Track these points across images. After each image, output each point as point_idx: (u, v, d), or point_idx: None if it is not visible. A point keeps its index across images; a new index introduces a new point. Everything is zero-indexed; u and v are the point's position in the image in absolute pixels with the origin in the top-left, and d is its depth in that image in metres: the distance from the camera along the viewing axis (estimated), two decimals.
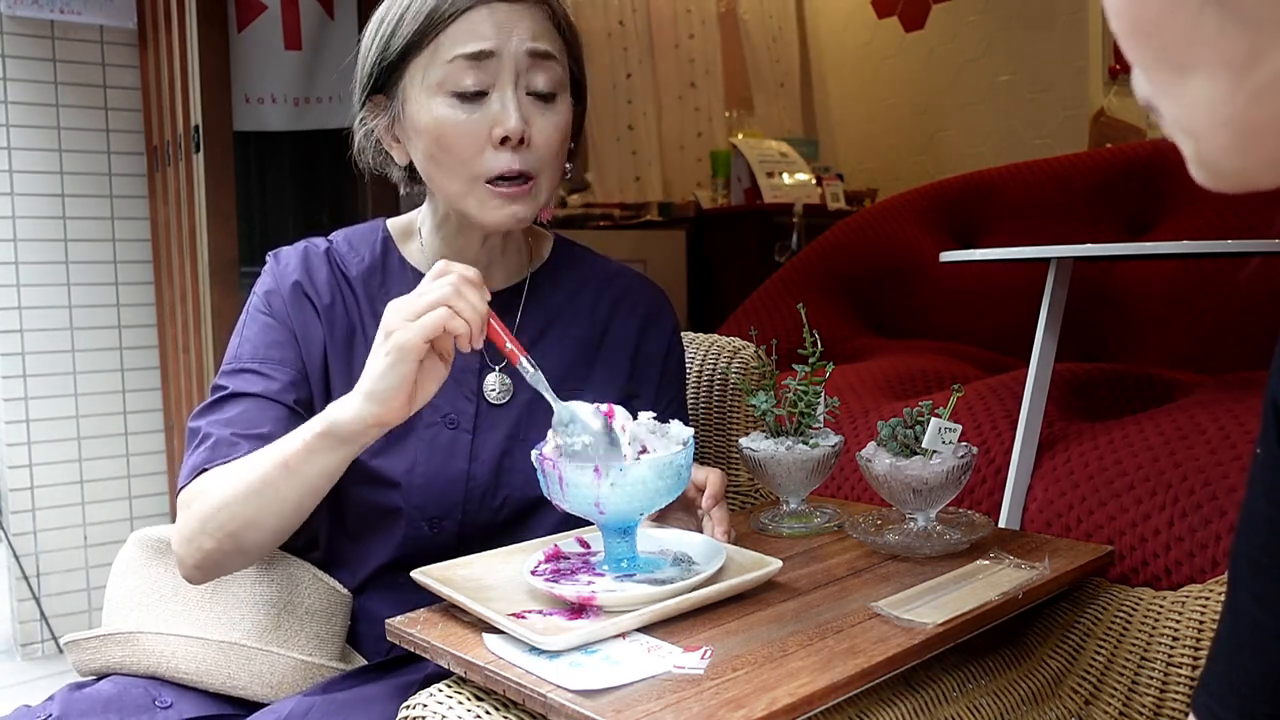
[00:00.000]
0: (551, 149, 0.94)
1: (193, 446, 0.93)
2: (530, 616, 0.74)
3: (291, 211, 2.83)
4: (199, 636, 0.92)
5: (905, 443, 0.93)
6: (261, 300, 1.00)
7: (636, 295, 1.09)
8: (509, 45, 0.90)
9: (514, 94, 0.91)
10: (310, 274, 1.01)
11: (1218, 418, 1.35)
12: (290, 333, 0.98)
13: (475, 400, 0.99)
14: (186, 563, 0.89)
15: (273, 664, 0.91)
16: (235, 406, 0.94)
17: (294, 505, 0.85)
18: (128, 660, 0.93)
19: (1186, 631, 0.84)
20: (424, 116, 0.92)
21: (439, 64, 0.90)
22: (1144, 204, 2.24)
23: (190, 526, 0.87)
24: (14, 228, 2.51)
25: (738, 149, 3.73)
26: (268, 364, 0.96)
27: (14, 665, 2.54)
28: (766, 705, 0.62)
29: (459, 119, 0.91)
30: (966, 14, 3.87)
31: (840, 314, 2.54)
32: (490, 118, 0.91)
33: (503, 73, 0.91)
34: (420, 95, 0.92)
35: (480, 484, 0.97)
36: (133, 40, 2.64)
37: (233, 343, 1.00)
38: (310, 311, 0.99)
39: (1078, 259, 1.46)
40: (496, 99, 0.91)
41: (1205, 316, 2.01)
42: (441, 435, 0.98)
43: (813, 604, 0.79)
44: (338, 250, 1.04)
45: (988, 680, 0.85)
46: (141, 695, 0.90)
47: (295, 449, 0.83)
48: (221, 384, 0.96)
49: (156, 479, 2.74)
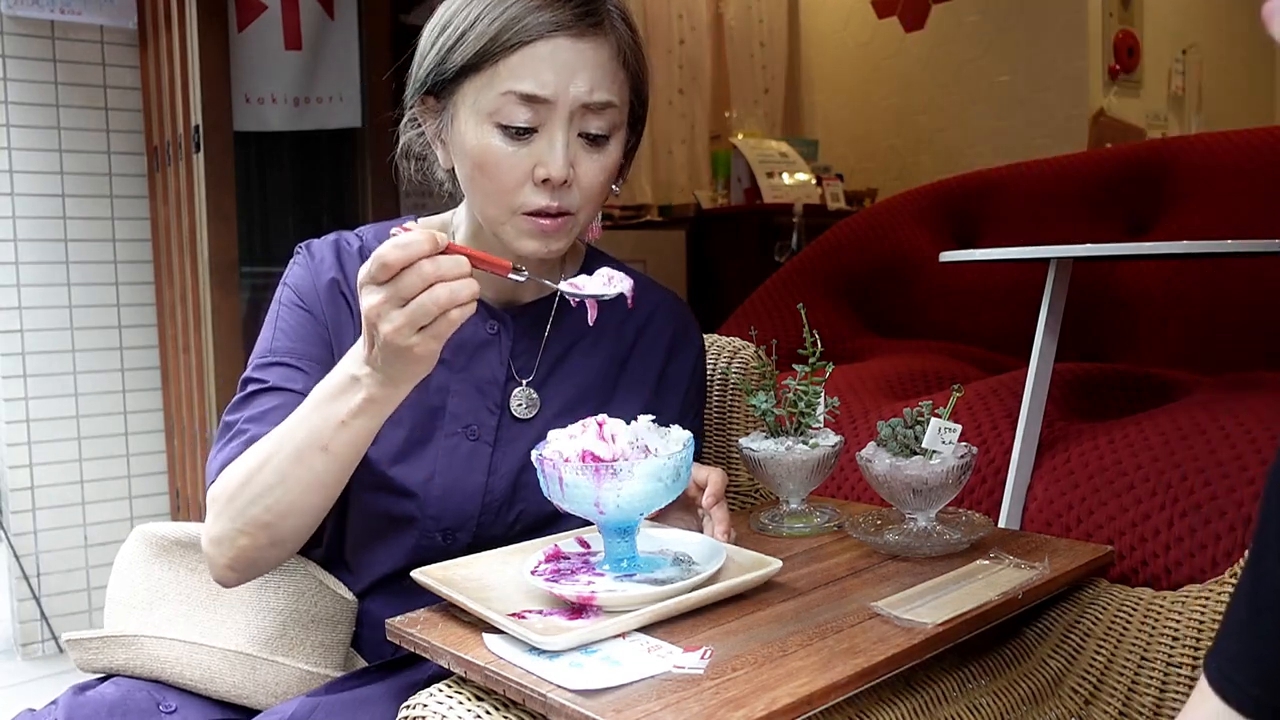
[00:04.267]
0: (595, 189, 0.92)
1: (223, 440, 0.90)
2: (530, 616, 0.74)
3: (291, 211, 2.84)
4: (203, 644, 0.91)
5: (905, 443, 0.93)
6: (295, 293, 0.98)
7: (665, 314, 1.08)
8: (566, 94, 0.87)
9: (564, 137, 0.88)
10: (345, 272, 0.98)
11: (1218, 418, 1.35)
12: (324, 328, 0.96)
13: (498, 413, 0.98)
14: (219, 563, 0.86)
15: (278, 674, 0.91)
16: (269, 400, 0.91)
17: (334, 484, 0.83)
18: (131, 663, 0.92)
19: (1186, 631, 0.84)
20: (470, 139, 0.90)
21: (493, 93, 0.88)
22: (1144, 204, 2.24)
23: (221, 526, 0.84)
24: (14, 228, 2.51)
25: (738, 149, 3.73)
26: (303, 359, 0.94)
27: (14, 665, 2.54)
28: (766, 705, 0.62)
29: (504, 150, 0.88)
30: (966, 14, 3.87)
31: (840, 314, 2.54)
32: (535, 156, 0.88)
33: (555, 116, 0.88)
34: (469, 117, 0.90)
35: (497, 497, 0.96)
36: (133, 40, 2.64)
37: (265, 334, 0.96)
38: (345, 310, 0.97)
39: (1078, 259, 1.46)
40: (545, 140, 0.88)
41: (1205, 316, 2.01)
42: (462, 446, 0.96)
43: (813, 604, 0.79)
44: (369, 249, 1.00)
45: (988, 680, 0.85)
46: (146, 699, 0.90)
47: (328, 425, 0.79)
48: (256, 377, 0.93)
49: (156, 479, 2.75)
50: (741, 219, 3.61)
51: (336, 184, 2.83)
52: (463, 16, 0.89)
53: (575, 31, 0.88)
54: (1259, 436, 1.28)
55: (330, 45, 2.60)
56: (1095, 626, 0.90)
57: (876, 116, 4.28)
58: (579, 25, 0.88)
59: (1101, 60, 3.70)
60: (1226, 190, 2.07)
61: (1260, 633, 0.53)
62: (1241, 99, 4.45)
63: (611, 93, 0.90)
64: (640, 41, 0.96)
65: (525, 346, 1.01)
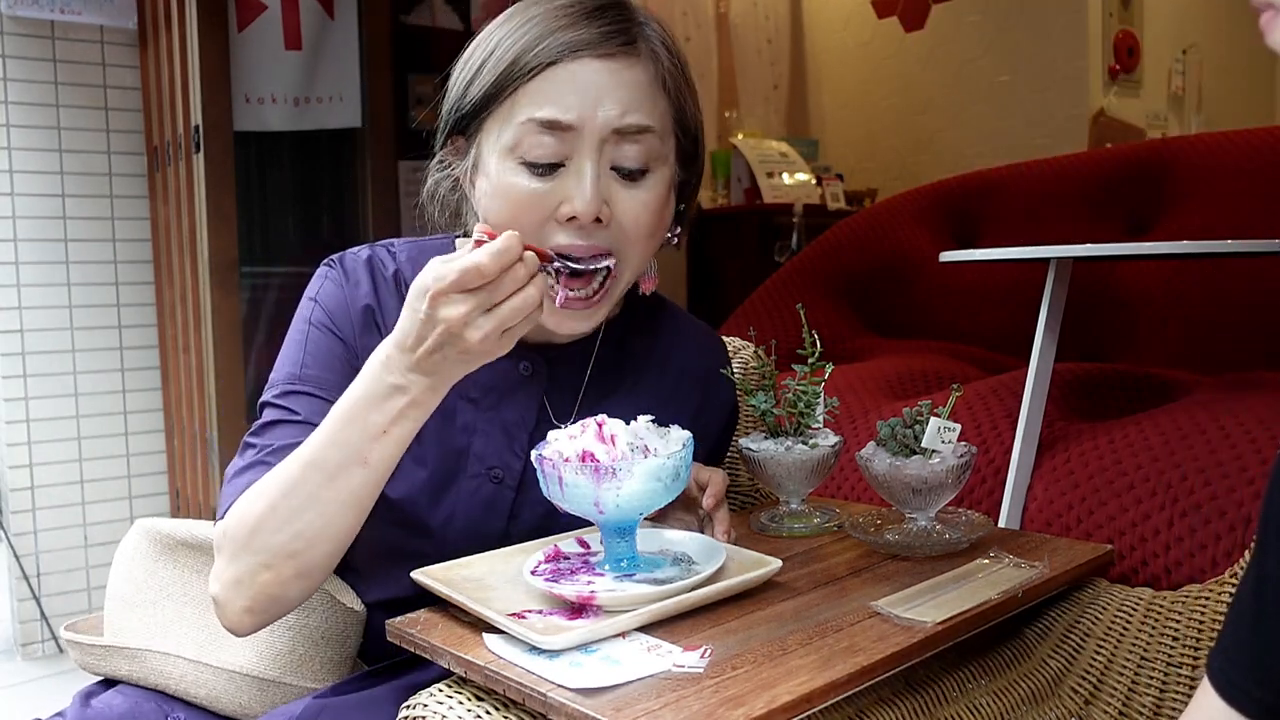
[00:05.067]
0: (638, 229, 0.83)
1: (242, 470, 0.84)
2: (530, 616, 0.74)
3: (291, 211, 2.84)
4: (209, 664, 0.89)
5: (905, 442, 0.93)
6: (327, 314, 0.90)
7: (700, 349, 1.04)
8: (593, 118, 0.79)
9: (592, 169, 0.80)
10: (379, 298, 0.91)
11: (1218, 418, 1.35)
12: (355, 356, 0.89)
13: (523, 457, 0.92)
14: (236, 606, 0.78)
15: (285, 695, 0.90)
16: (291, 435, 0.84)
17: (369, 500, 0.77)
18: (135, 674, 0.92)
19: (1187, 631, 0.84)
20: (495, 178, 0.83)
21: (512, 125, 0.80)
22: (1144, 204, 2.24)
23: (239, 565, 0.77)
24: (14, 228, 2.51)
25: (738, 149, 3.73)
26: (331, 391, 0.85)
27: (14, 665, 2.54)
28: (766, 703, 0.62)
29: (528, 188, 0.81)
30: (966, 14, 3.88)
31: (840, 314, 2.54)
32: (561, 193, 0.80)
33: (582, 145, 0.80)
34: (492, 155, 0.83)
35: (517, 542, 0.90)
36: (133, 40, 2.64)
37: (291, 355, 0.89)
38: (376, 338, 0.87)
39: (1077, 259, 1.46)
40: (572, 173, 0.80)
41: (1205, 316, 2.01)
42: (484, 488, 0.92)
43: (813, 603, 0.79)
44: (404, 274, 0.93)
45: (988, 680, 0.85)
46: (154, 711, 0.89)
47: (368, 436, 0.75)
48: (281, 404, 0.87)
49: (156, 479, 2.75)
50: (741, 219, 3.61)
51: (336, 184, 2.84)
52: (484, 47, 0.84)
53: (602, 51, 0.80)
54: (1259, 436, 1.28)
55: (330, 45, 2.60)
56: (1095, 626, 0.90)
57: (877, 116, 4.28)
58: (607, 44, 0.81)
59: (1101, 60, 3.70)
60: (1226, 190, 2.08)
61: (1262, 634, 0.53)
62: (1241, 99, 4.45)
63: (650, 117, 0.82)
64: (685, 67, 0.87)
65: (564, 386, 0.95)
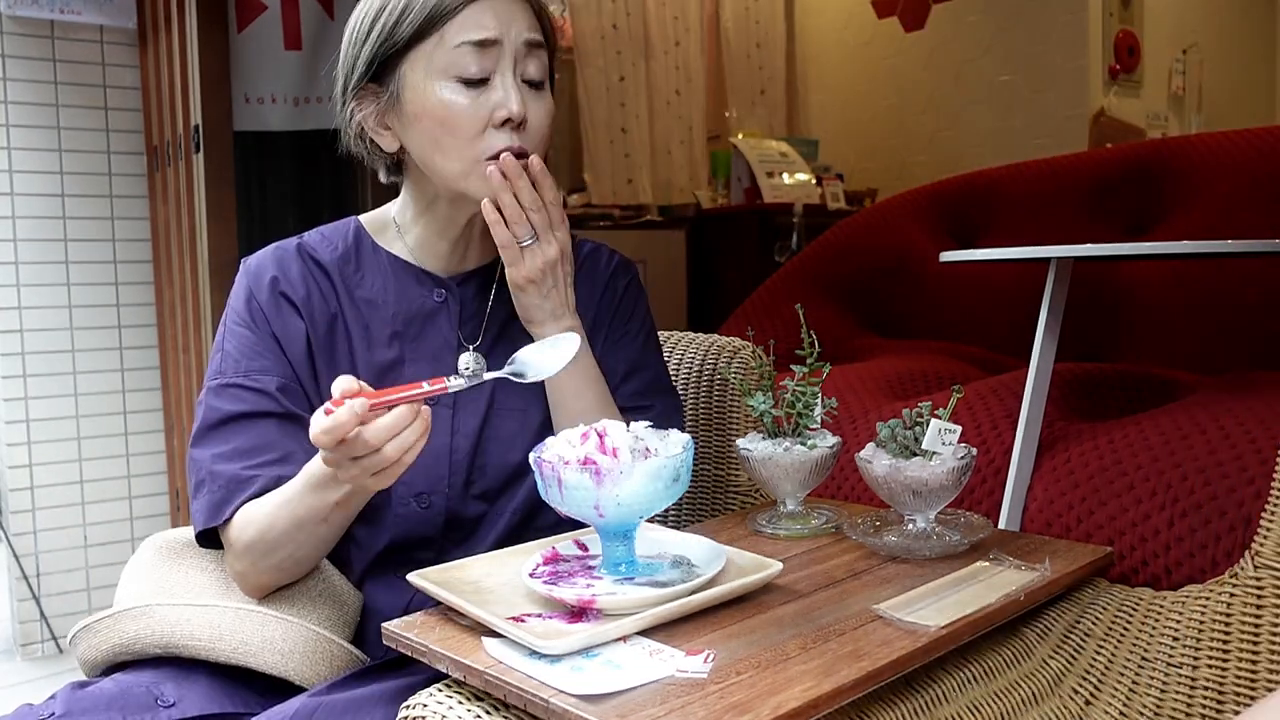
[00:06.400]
0: (543, 131, 1.01)
1: (201, 487, 0.96)
2: (529, 620, 0.74)
3: (291, 211, 2.84)
4: (214, 604, 0.94)
5: (905, 444, 0.92)
6: (235, 312, 1.03)
7: (594, 263, 1.14)
8: (510, 34, 0.97)
9: (514, 79, 0.98)
10: (284, 271, 1.04)
11: (1218, 418, 1.35)
12: (270, 335, 1.01)
13: None
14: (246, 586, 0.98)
15: (286, 631, 0.92)
16: (235, 433, 0.97)
17: (339, 534, 0.95)
18: (141, 635, 0.92)
19: (1187, 632, 0.84)
20: (428, 100, 0.97)
21: (445, 50, 0.96)
22: (1144, 204, 2.24)
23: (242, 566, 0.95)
24: (14, 228, 2.51)
25: (738, 149, 3.73)
26: (252, 375, 1.00)
27: (14, 665, 2.54)
28: (772, 710, 0.61)
29: (463, 103, 0.96)
30: (966, 14, 3.87)
31: (840, 314, 2.53)
32: (492, 102, 0.97)
33: (503, 60, 0.97)
34: (422, 81, 0.97)
35: (462, 456, 1.03)
36: (133, 40, 2.64)
37: (214, 360, 1.02)
38: (288, 308, 1.03)
39: (1078, 259, 1.46)
40: (499, 84, 0.97)
41: (1205, 316, 2.01)
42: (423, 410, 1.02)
43: (814, 606, 0.79)
44: (308, 244, 1.08)
45: (988, 681, 0.85)
46: (144, 694, 0.89)
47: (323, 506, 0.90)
48: (213, 404, 0.99)
49: (156, 479, 2.75)
50: (741, 219, 3.61)
51: (336, 184, 2.83)
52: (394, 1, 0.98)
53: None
54: (1259, 436, 1.28)
55: (330, 45, 2.59)
56: (1096, 627, 0.90)
57: (876, 116, 4.28)
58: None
59: (1101, 60, 3.70)
60: (1227, 190, 2.07)
61: None
62: (1241, 99, 4.45)
63: (542, 35, 1.01)
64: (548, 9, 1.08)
65: (471, 312, 1.07)
